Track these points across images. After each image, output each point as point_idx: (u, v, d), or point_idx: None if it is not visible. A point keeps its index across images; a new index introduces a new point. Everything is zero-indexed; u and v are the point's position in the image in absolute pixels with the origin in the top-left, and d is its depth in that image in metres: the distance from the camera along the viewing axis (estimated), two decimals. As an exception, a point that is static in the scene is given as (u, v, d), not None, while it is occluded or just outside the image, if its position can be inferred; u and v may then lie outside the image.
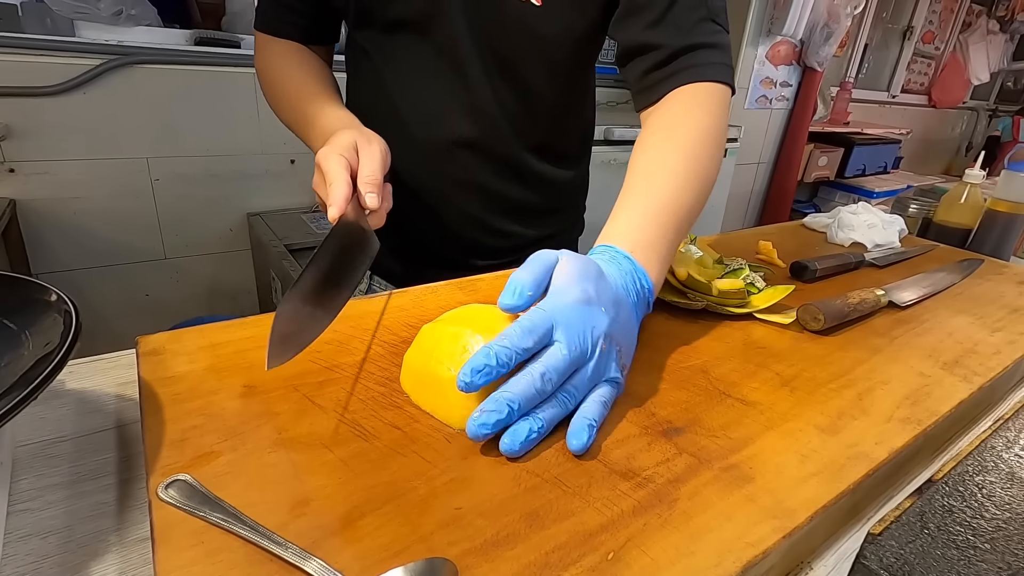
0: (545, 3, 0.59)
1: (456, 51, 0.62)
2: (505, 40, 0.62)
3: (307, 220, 1.69)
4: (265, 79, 0.69)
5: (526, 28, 0.61)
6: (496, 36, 0.62)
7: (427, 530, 0.29)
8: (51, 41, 1.32)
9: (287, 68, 0.67)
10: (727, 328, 0.54)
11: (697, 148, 0.53)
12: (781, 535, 0.30)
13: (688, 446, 0.37)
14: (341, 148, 0.50)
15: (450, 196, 0.71)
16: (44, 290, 0.34)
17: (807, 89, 2.78)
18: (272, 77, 0.68)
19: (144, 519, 0.32)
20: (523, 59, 0.64)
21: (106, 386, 0.44)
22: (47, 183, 1.40)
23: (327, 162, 0.48)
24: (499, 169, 0.70)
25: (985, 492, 0.34)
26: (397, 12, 0.62)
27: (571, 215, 0.84)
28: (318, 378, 0.40)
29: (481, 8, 0.60)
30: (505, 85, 0.65)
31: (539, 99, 0.67)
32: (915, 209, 1.04)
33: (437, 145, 0.68)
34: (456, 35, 0.61)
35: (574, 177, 0.80)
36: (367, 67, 0.68)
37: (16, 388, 0.27)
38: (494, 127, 0.67)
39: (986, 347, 0.55)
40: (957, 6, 3.86)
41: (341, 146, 0.50)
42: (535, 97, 0.67)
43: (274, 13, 0.67)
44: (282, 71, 0.67)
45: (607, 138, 1.84)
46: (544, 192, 0.75)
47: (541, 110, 0.68)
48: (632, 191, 0.51)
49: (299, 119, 0.65)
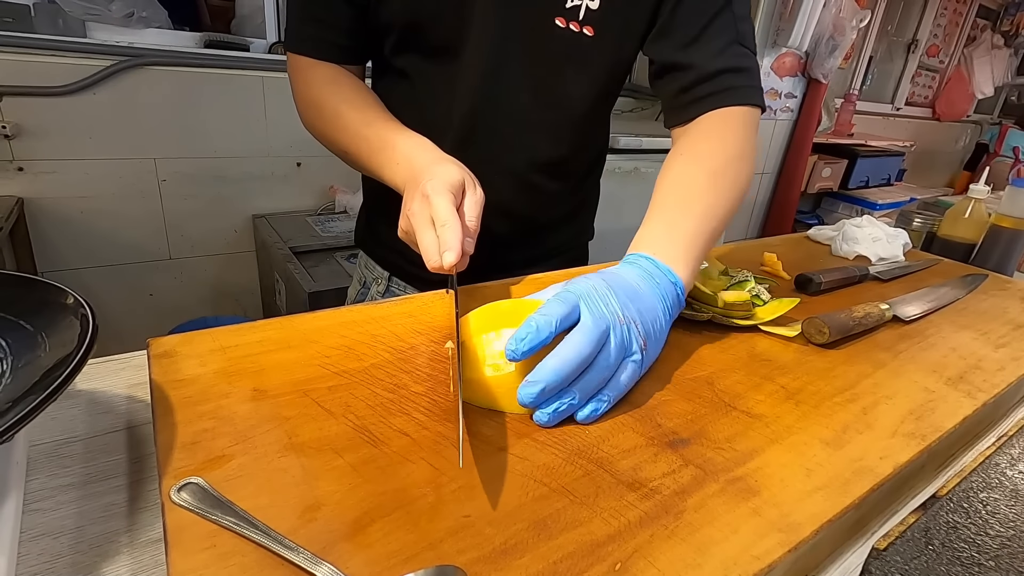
0: (597, 33, 0.61)
1: (500, 77, 0.62)
2: (554, 67, 0.63)
3: (312, 223, 1.70)
4: (310, 104, 0.64)
5: (576, 57, 0.62)
6: (546, 64, 0.62)
7: (436, 537, 0.29)
8: (62, 42, 1.33)
9: (339, 92, 0.63)
10: (732, 340, 0.55)
11: (725, 168, 0.57)
12: (787, 549, 0.30)
13: (694, 458, 0.37)
14: (451, 185, 0.47)
15: None
16: (61, 292, 0.34)
17: (812, 100, 2.79)
18: (321, 102, 0.63)
19: (155, 521, 0.33)
20: (568, 84, 0.64)
21: (117, 387, 0.44)
22: (55, 182, 1.41)
23: (440, 199, 0.45)
24: (522, 186, 0.70)
25: (989, 509, 0.34)
26: (443, 38, 0.61)
27: (583, 223, 0.84)
28: (327, 383, 0.41)
29: (534, 38, 0.61)
30: (545, 107, 0.65)
31: (574, 119, 0.68)
32: (919, 223, 1.05)
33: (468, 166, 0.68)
34: (503, 62, 0.62)
35: (589, 189, 0.81)
36: (404, 89, 0.67)
37: (34, 391, 0.27)
38: (528, 147, 0.67)
39: (990, 363, 0.55)
40: (962, 20, 3.87)
41: (451, 183, 0.48)
42: (571, 118, 0.68)
43: (312, 32, 0.63)
44: (333, 96, 0.63)
45: (613, 147, 1.84)
46: (562, 206, 0.76)
47: (574, 129, 0.69)
48: (659, 208, 0.55)
49: (363, 146, 0.60)
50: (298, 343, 0.45)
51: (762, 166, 2.94)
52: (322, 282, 1.34)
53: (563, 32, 0.60)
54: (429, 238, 0.45)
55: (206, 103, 1.54)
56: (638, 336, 0.43)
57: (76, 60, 1.35)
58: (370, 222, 0.80)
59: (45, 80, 1.33)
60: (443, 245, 0.44)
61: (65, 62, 1.34)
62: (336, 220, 1.73)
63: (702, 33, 0.59)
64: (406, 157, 0.55)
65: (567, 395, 0.39)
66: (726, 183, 0.55)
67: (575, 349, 0.38)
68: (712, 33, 0.59)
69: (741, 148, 0.58)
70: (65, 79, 1.34)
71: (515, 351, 0.37)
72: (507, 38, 0.60)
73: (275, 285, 1.56)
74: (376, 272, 0.80)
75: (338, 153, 0.65)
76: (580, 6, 0.59)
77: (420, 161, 0.53)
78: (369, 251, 0.82)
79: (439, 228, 0.45)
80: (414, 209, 0.47)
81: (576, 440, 0.38)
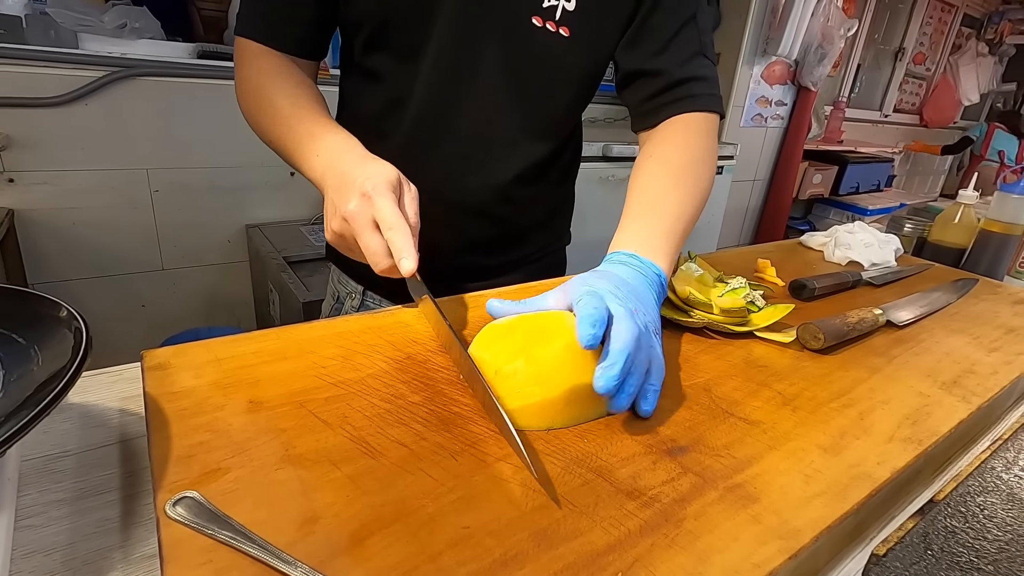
0: (573, 34, 0.62)
1: (474, 76, 0.62)
2: (531, 67, 0.63)
3: (306, 232, 1.69)
4: (251, 92, 0.62)
5: (554, 57, 0.63)
6: (522, 63, 0.63)
7: (436, 549, 0.29)
8: (54, 53, 1.32)
9: (282, 85, 0.61)
10: (728, 346, 0.55)
11: (688, 170, 0.61)
12: (787, 556, 0.30)
13: (693, 465, 0.37)
14: (391, 184, 0.46)
15: (451, 218, 0.70)
16: (55, 305, 0.34)
17: (802, 108, 2.83)
18: (261, 92, 0.61)
19: (149, 536, 0.32)
20: (545, 85, 0.65)
21: (109, 400, 0.44)
22: (46, 193, 1.40)
23: (383, 200, 0.44)
24: (500, 191, 0.70)
25: (987, 513, 0.35)
26: (413, 36, 0.61)
27: (559, 228, 0.84)
28: (323, 394, 0.40)
29: (511, 37, 0.61)
30: (521, 109, 0.65)
31: (550, 122, 0.69)
32: (910, 228, 1.06)
33: (443, 169, 0.68)
34: (481, 62, 0.62)
35: (566, 193, 0.81)
36: (373, 90, 0.66)
37: (27, 406, 0.27)
38: (504, 150, 0.67)
39: (983, 367, 0.56)
40: (947, 29, 3.94)
41: (391, 182, 0.46)
42: (547, 120, 0.68)
43: (271, 21, 0.61)
44: (275, 88, 0.60)
45: (606, 155, 1.85)
46: (539, 210, 0.76)
47: (549, 132, 0.69)
48: (633, 209, 0.58)
49: (290, 137, 0.58)
50: (294, 354, 0.45)
51: (754, 173, 2.97)
52: (316, 292, 1.34)
53: (539, 31, 0.61)
54: (376, 242, 0.45)
55: (199, 114, 1.53)
56: (650, 321, 0.46)
57: (68, 71, 1.34)
58: None
59: (37, 91, 1.32)
60: (398, 251, 0.43)
61: (57, 73, 1.33)
62: (330, 229, 1.73)
63: (670, 43, 0.63)
64: (329, 150, 0.53)
65: (632, 376, 0.41)
66: (690, 183, 0.60)
67: (628, 331, 0.40)
68: (679, 43, 0.64)
69: (703, 151, 0.63)
70: (57, 90, 1.34)
71: (593, 336, 0.38)
72: (482, 36, 0.60)
73: (269, 295, 1.55)
74: (350, 286, 0.79)
75: (270, 144, 0.62)
76: (557, 7, 0.60)
77: (347, 159, 0.50)
78: (341, 265, 0.80)
79: (387, 232, 0.44)
80: (352, 210, 0.45)
81: (574, 449, 0.38)
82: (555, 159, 0.73)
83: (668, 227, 0.56)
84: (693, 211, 0.59)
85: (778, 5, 2.45)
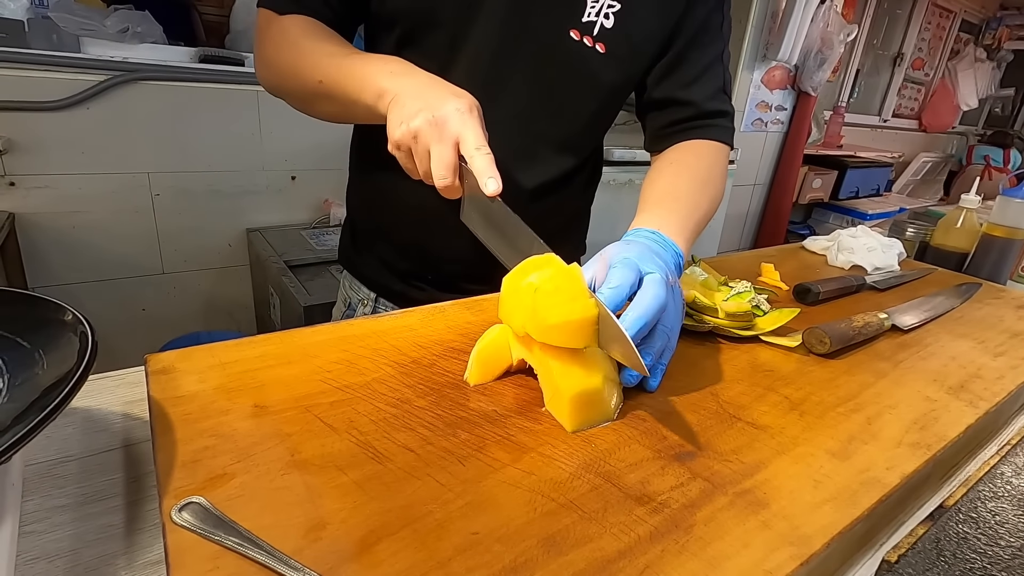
0: (609, 51, 0.62)
1: (504, 81, 0.62)
2: (561, 79, 0.63)
3: (307, 236, 1.69)
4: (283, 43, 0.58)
5: (587, 70, 0.63)
6: (554, 75, 0.63)
7: (445, 555, 0.28)
8: (56, 57, 1.32)
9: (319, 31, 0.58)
10: (734, 351, 0.54)
11: (703, 173, 0.64)
12: (799, 562, 0.30)
13: (702, 470, 0.37)
14: (479, 108, 0.48)
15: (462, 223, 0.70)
16: (60, 309, 0.33)
17: (801, 113, 2.83)
18: (299, 40, 0.57)
19: (153, 542, 0.32)
20: (573, 98, 0.65)
21: (113, 404, 0.43)
22: (47, 197, 1.40)
23: (474, 120, 0.46)
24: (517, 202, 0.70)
25: (999, 519, 0.34)
26: (448, 36, 0.60)
27: (576, 239, 0.84)
28: (329, 398, 0.40)
29: (547, 49, 0.61)
30: (545, 117, 0.65)
31: (573, 134, 0.69)
32: (912, 233, 1.06)
33: None
34: (514, 70, 0.61)
35: (583, 205, 0.81)
36: None
37: (32, 411, 0.27)
38: (524, 162, 0.67)
39: (989, 372, 0.55)
40: (945, 34, 3.95)
41: (478, 106, 0.48)
42: (570, 132, 0.68)
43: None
44: (315, 31, 0.58)
45: (607, 159, 1.86)
46: (555, 220, 0.76)
47: (570, 147, 0.70)
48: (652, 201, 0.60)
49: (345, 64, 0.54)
50: (298, 358, 0.45)
51: (754, 177, 2.97)
52: (317, 296, 1.33)
53: (576, 45, 0.61)
54: (449, 155, 0.46)
55: (200, 118, 1.53)
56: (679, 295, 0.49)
57: (70, 75, 1.34)
58: (355, 239, 0.78)
59: (39, 95, 1.32)
60: (483, 172, 0.45)
61: (59, 77, 1.33)
62: (331, 233, 1.73)
63: (700, 76, 0.67)
64: (405, 66, 0.53)
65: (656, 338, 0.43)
66: (706, 185, 0.63)
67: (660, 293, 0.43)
68: (708, 78, 0.67)
69: (717, 167, 0.66)
70: (59, 94, 1.34)
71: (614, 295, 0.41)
72: (517, 43, 0.60)
73: (270, 299, 1.55)
74: (362, 293, 0.78)
75: (308, 90, 0.57)
76: (596, 23, 0.60)
77: (429, 76, 0.51)
78: (354, 271, 0.79)
79: (473, 151, 0.45)
80: (439, 116, 0.46)
81: (582, 454, 0.37)
82: (574, 175, 0.73)
83: (686, 214, 0.58)
84: (707, 208, 0.61)
85: (778, 10, 2.46)
